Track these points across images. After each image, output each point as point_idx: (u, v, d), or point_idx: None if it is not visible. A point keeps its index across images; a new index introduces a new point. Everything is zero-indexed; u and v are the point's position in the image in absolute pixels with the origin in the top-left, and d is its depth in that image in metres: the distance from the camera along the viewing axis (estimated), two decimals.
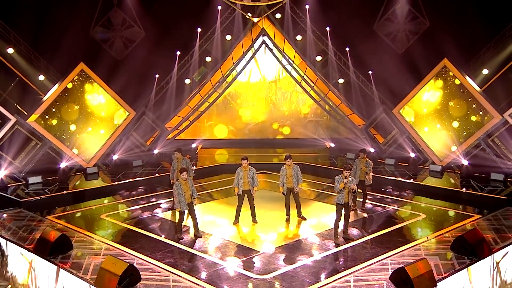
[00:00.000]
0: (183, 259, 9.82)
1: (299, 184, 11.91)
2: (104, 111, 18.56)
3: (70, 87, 17.65)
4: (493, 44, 17.83)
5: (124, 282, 7.62)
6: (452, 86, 17.62)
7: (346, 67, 20.60)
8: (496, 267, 8.98)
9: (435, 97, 18.09)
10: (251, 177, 11.69)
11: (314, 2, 20.23)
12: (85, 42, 19.06)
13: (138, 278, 7.91)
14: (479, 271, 8.60)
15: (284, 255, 9.94)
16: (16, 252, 9.64)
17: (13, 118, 15.93)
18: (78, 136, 17.82)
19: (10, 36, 17.10)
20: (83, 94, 17.99)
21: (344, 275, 8.72)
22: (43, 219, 12.04)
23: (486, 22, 17.37)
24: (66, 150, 17.37)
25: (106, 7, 20.01)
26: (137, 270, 7.91)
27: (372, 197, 14.42)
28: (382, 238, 10.88)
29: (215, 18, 20.35)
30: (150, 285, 8.02)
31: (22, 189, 14.90)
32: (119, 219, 12.62)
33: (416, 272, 7.52)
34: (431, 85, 18.11)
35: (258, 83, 22.85)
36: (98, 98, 18.38)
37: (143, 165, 18.55)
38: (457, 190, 14.76)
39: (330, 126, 22.47)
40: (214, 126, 22.94)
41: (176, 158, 13.17)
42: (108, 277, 7.59)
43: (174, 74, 20.32)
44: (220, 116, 22.93)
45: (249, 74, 22.60)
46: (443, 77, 17.82)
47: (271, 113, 23.00)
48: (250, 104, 22.88)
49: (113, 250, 9.86)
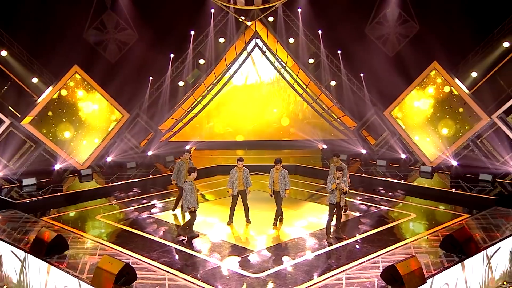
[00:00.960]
0: (178, 258, 9.93)
1: (286, 190, 11.69)
2: (97, 114, 18.60)
3: (64, 90, 17.70)
4: (481, 47, 18.16)
5: (120, 280, 7.70)
6: (441, 92, 17.92)
7: (338, 70, 20.83)
8: (488, 263, 9.22)
9: (425, 103, 18.39)
10: (245, 178, 11.82)
11: (306, 5, 20.44)
12: (79, 45, 19.09)
13: (134, 277, 8.00)
14: (469, 268, 8.81)
15: (278, 254, 10.07)
16: (10, 252, 9.68)
17: (7, 120, 15.95)
18: (72, 138, 17.87)
19: (4, 38, 17.12)
20: (77, 97, 18.04)
21: (336, 273, 8.86)
22: (38, 220, 12.07)
23: (475, 25, 17.67)
24: (60, 152, 17.40)
25: (99, 10, 20.06)
26: (133, 269, 8.00)
27: (363, 197, 14.65)
28: (373, 237, 11.06)
29: (208, 21, 20.49)
30: (145, 283, 8.11)
31: (16, 191, 14.90)
32: (114, 220, 12.69)
33: (406, 269, 7.66)
34: (421, 91, 18.39)
35: (254, 85, 23.03)
36: (91, 100, 18.43)
37: (137, 167, 18.60)
38: (447, 190, 14.99)
39: (325, 128, 22.68)
40: (214, 128, 23.05)
41: (184, 160, 13.04)
42: (105, 276, 7.68)
43: (168, 77, 20.42)
44: (217, 118, 23.08)
45: (245, 76, 22.78)
46: (432, 83, 18.10)
47: (267, 114, 23.19)
48: (246, 106, 23.06)
49: (108, 250, 9.94)
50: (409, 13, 20.25)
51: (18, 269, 9.48)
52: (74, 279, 8.13)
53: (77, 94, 18.06)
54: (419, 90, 18.47)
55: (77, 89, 18.05)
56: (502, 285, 9.72)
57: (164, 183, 16.46)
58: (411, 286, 7.57)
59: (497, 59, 17.63)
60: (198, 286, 8.36)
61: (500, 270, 9.75)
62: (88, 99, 18.36)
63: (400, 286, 7.60)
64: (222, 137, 23.14)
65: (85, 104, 18.29)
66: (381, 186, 16.04)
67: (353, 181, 16.61)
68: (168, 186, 16.10)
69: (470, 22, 17.60)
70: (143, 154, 19.69)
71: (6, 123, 15.92)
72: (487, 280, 9.34)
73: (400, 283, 7.61)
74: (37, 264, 8.92)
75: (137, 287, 7.80)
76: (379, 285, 7.87)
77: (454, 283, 8.52)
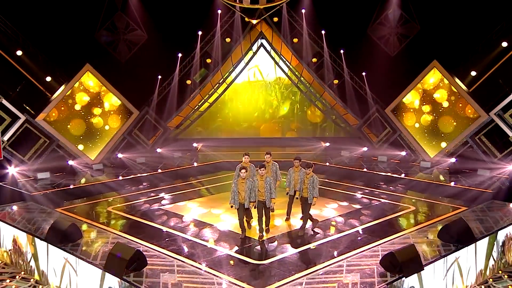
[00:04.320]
0: (187, 247, 10.14)
1: (272, 199, 10.50)
2: (108, 111, 18.89)
3: (76, 88, 18.00)
4: (480, 47, 18.19)
5: (131, 266, 7.91)
6: (440, 90, 18.03)
7: (340, 69, 20.94)
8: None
9: (425, 100, 18.52)
10: (274, 172, 11.54)
11: (310, 6, 20.57)
12: (90, 45, 19.35)
13: (144, 263, 8.20)
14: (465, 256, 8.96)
15: (282, 243, 10.26)
16: (28, 241, 9.93)
17: (22, 117, 16.23)
18: (83, 134, 18.18)
19: (19, 39, 17.38)
20: (88, 95, 18.33)
21: (337, 260, 9.05)
22: (53, 211, 12.31)
23: (474, 26, 17.72)
24: (72, 148, 17.68)
25: (110, 11, 20.30)
26: (143, 256, 8.20)
27: (364, 191, 14.89)
28: (373, 227, 11.24)
29: (215, 22, 20.66)
30: (155, 269, 8.32)
31: (31, 184, 15.18)
32: (124, 211, 12.93)
33: (404, 257, 7.82)
34: (421, 89, 18.50)
35: (260, 83, 23.21)
36: (102, 98, 18.72)
37: (146, 162, 18.85)
38: (446, 185, 15.10)
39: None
40: (222, 125, 23.29)
41: (245, 164, 11.48)
42: (117, 262, 7.90)
43: (175, 75, 20.61)
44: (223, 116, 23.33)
45: (251, 75, 22.97)
46: (432, 82, 18.20)
47: (273, 112, 23.36)
48: (251, 104, 23.23)
49: (120, 239, 10.16)
50: (410, 14, 20.33)
51: (34, 256, 9.74)
52: (87, 265, 8.36)
53: (88, 92, 18.34)
54: (419, 88, 18.59)
55: (88, 87, 18.34)
56: (498, 273, 9.85)
57: (172, 178, 16.82)
58: (409, 272, 7.73)
59: (496, 58, 17.66)
60: (205, 272, 8.57)
61: (494, 259, 9.88)
62: (99, 97, 18.64)
63: (398, 272, 7.75)
64: (228, 134, 23.35)
65: (96, 102, 18.56)
66: (382, 181, 16.20)
67: (355, 176, 16.90)
68: (175, 181, 16.62)
69: (469, 22, 17.66)
70: (152, 150, 19.92)
71: (21, 119, 16.20)
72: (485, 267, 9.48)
73: (398, 269, 7.76)
74: (53, 252, 9.16)
75: (147, 273, 7.99)
76: (379, 272, 8.03)
77: (451, 271, 8.66)
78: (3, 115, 15.74)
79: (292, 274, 8.50)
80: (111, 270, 7.90)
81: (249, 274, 8.64)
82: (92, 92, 18.46)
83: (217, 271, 8.64)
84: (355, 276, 7.81)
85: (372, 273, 8.00)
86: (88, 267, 8.34)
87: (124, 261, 7.77)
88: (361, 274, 7.88)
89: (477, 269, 9.36)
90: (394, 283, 7.57)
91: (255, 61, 22.47)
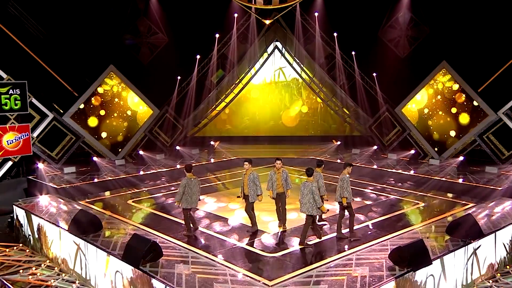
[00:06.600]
0: (201, 239, 9.99)
1: (258, 196, 10.17)
2: (130, 109, 18.90)
3: (101, 87, 18.06)
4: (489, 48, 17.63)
5: (147, 257, 7.80)
6: (450, 90, 17.54)
7: (352, 70, 20.57)
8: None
9: (434, 100, 18.05)
10: (285, 179, 10.53)
11: (323, 9, 20.24)
12: (114, 48, 19.37)
13: (160, 254, 8.07)
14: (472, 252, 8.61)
15: (293, 237, 10.03)
16: (52, 231, 9.92)
17: (50, 115, 16.33)
18: (107, 131, 18.23)
19: (50, 42, 17.48)
20: (112, 94, 18.37)
21: (347, 254, 8.79)
22: (77, 204, 12.33)
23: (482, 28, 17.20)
24: (96, 144, 17.74)
25: (134, 16, 20.32)
26: (159, 247, 8.08)
27: (374, 187, 14.49)
28: (383, 223, 10.94)
29: (231, 25, 20.50)
30: (170, 260, 8.19)
31: (59, 178, 15.26)
32: (144, 205, 12.86)
33: (413, 251, 7.55)
34: (431, 89, 18.04)
35: (273, 84, 22.99)
36: (125, 97, 18.74)
37: (165, 158, 18.79)
38: (454, 182, 14.66)
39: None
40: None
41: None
42: (134, 252, 7.79)
43: (194, 76, 20.52)
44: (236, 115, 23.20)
45: (266, 75, 22.77)
46: (441, 82, 17.72)
47: (286, 111, 23.13)
48: (266, 104, 23.01)
49: (138, 231, 10.06)
50: (420, 17, 19.84)
51: (59, 242, 9.73)
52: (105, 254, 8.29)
53: (112, 91, 18.38)
54: (429, 88, 18.12)
55: (112, 86, 18.38)
56: (502, 270, 9.46)
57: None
58: (417, 266, 7.45)
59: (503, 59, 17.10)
60: (218, 263, 8.40)
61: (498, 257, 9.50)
62: (122, 96, 18.66)
63: (406, 266, 7.48)
64: (242, 132, 23.18)
65: (119, 100, 18.59)
66: (391, 178, 15.83)
67: (365, 173, 16.53)
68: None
69: (479, 24, 17.14)
70: (172, 147, 19.88)
71: (50, 117, 16.30)
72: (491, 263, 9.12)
73: (406, 263, 7.49)
74: (74, 241, 9.12)
75: (163, 263, 7.87)
76: (387, 266, 7.75)
77: (458, 266, 8.33)
78: (33, 113, 15.85)
79: (303, 266, 8.28)
80: (129, 260, 7.80)
81: (261, 266, 8.44)
82: (114, 92, 18.49)
83: (229, 263, 8.46)
84: (364, 270, 7.55)
85: (381, 267, 7.73)
86: (105, 257, 8.27)
87: (140, 252, 7.66)
88: (370, 268, 7.61)
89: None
90: (406, 275, 7.30)
91: (279, 64, 22.25)
